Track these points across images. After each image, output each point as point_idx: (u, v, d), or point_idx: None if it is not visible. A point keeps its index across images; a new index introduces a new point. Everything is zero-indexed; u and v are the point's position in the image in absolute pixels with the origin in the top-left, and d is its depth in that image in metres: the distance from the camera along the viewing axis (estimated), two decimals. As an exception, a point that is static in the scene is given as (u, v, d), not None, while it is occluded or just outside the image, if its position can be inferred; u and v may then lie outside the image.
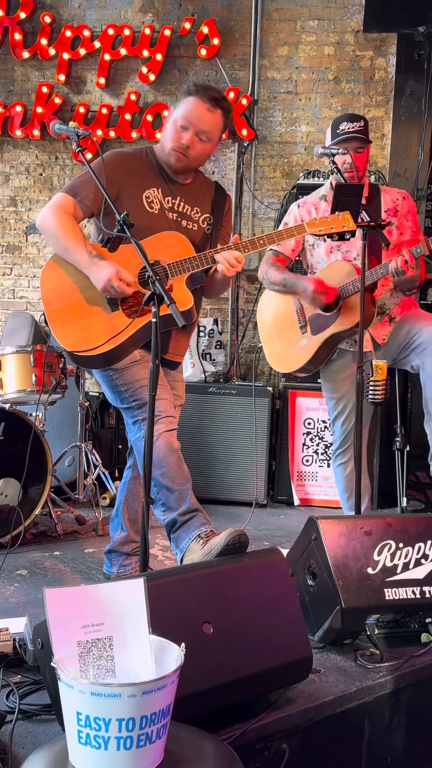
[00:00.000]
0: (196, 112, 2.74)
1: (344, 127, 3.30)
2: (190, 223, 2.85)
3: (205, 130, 2.75)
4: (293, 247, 3.46)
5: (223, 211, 2.92)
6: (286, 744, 1.86)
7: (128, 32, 5.39)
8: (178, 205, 2.84)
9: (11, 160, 5.67)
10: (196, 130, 2.74)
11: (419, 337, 3.29)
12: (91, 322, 2.70)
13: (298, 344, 3.49)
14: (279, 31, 5.43)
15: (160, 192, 2.82)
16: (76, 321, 2.72)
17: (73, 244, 2.69)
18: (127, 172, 2.77)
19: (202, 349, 5.15)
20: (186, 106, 2.76)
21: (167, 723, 1.37)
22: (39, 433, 3.74)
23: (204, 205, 2.89)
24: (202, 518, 2.49)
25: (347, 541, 2.33)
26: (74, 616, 1.42)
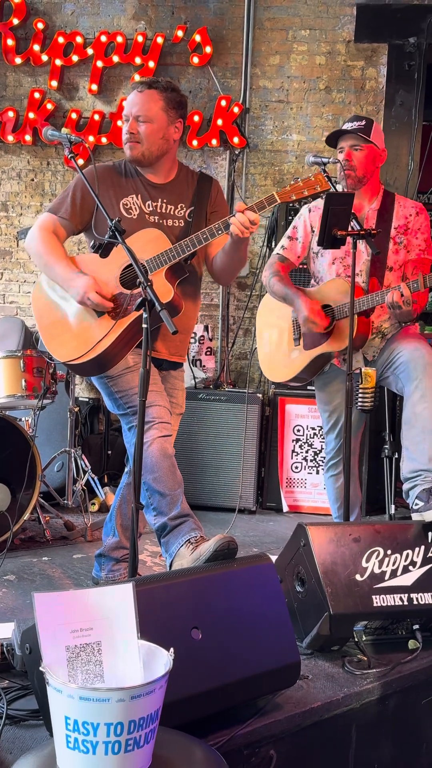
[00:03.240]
0: (129, 101, 2.83)
1: (344, 126, 3.28)
2: (174, 221, 2.87)
3: (140, 112, 2.79)
4: (299, 253, 3.45)
5: (207, 197, 2.93)
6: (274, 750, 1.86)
7: (121, 39, 5.41)
8: (160, 206, 2.86)
9: (3, 166, 5.67)
10: (133, 116, 2.80)
11: (400, 357, 3.21)
12: (79, 331, 2.76)
13: (290, 356, 3.49)
14: (271, 40, 5.47)
15: (139, 198, 2.85)
16: (65, 333, 2.80)
17: (53, 260, 2.78)
18: (102, 185, 2.81)
19: (192, 356, 5.16)
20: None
21: (155, 728, 1.37)
22: (28, 439, 3.73)
23: (187, 198, 2.91)
24: (193, 524, 2.49)
25: (336, 547, 2.34)
26: (63, 621, 1.43)
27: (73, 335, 2.77)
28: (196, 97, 5.51)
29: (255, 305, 5.48)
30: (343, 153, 3.24)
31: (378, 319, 3.27)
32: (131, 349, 2.77)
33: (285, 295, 3.39)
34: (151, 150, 2.82)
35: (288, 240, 3.44)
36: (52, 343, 2.83)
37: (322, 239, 2.95)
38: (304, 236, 3.41)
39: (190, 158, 5.53)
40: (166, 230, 2.81)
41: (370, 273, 3.27)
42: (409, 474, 3.08)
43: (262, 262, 5.36)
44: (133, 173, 2.90)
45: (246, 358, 5.60)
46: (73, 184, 2.88)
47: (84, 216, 2.84)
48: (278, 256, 3.46)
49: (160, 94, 2.80)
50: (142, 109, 2.79)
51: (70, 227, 2.86)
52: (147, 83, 2.82)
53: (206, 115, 5.43)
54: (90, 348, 2.70)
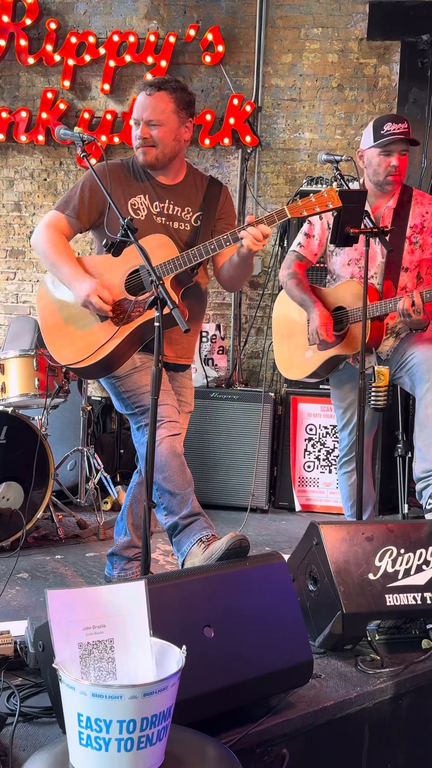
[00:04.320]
0: (138, 105, 2.79)
1: (389, 128, 3.15)
2: (180, 224, 2.85)
3: (152, 116, 2.75)
4: (315, 251, 3.43)
5: (216, 204, 2.90)
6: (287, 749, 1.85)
7: (133, 39, 5.42)
8: (167, 208, 2.84)
9: (16, 165, 5.70)
10: (145, 120, 2.76)
11: (413, 358, 3.20)
12: (82, 334, 2.73)
13: (305, 354, 3.48)
14: (283, 38, 5.46)
15: (147, 198, 2.83)
16: (68, 335, 2.77)
17: (60, 260, 2.75)
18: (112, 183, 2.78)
19: (204, 355, 5.16)
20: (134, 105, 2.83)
21: (168, 725, 1.37)
22: (41, 437, 3.75)
23: (196, 202, 2.88)
24: (204, 522, 2.49)
25: (348, 546, 2.33)
26: (76, 618, 1.43)
27: (75, 338, 2.74)
28: (208, 96, 5.51)
29: (267, 304, 5.48)
30: (391, 157, 3.15)
31: (392, 320, 3.26)
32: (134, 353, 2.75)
33: (302, 301, 3.37)
34: (164, 153, 2.80)
35: (305, 237, 3.43)
36: (54, 345, 2.79)
37: (335, 237, 2.94)
38: (320, 234, 3.39)
39: (203, 157, 5.53)
40: (173, 233, 2.79)
41: (384, 275, 3.25)
42: (422, 474, 3.07)
43: (274, 260, 5.35)
44: (141, 173, 2.87)
45: (258, 357, 5.60)
46: (81, 182, 2.85)
47: (92, 214, 2.82)
48: (295, 254, 3.44)
49: (170, 96, 2.75)
50: (154, 112, 2.74)
51: (77, 226, 2.83)
52: (156, 85, 2.76)
53: (218, 114, 5.43)
54: (91, 353, 2.68)
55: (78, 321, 2.75)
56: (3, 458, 3.67)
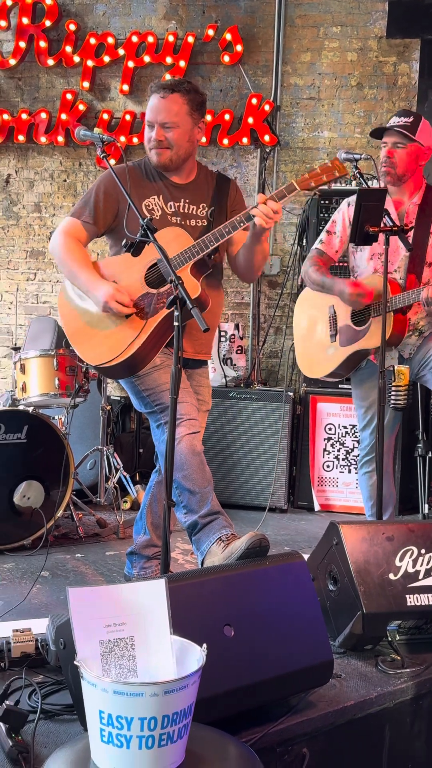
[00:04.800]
0: (152, 107, 2.79)
1: (391, 121, 3.22)
2: (196, 221, 2.87)
3: (166, 119, 2.76)
4: (336, 247, 3.42)
5: (227, 197, 2.92)
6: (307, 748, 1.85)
7: (152, 39, 5.43)
8: (182, 206, 2.86)
9: (36, 167, 5.73)
10: (159, 122, 2.77)
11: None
12: (110, 333, 2.75)
13: (326, 352, 3.47)
14: (302, 37, 5.45)
15: (161, 198, 2.84)
16: (95, 336, 2.79)
17: (77, 267, 2.77)
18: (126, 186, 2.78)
19: (223, 354, 5.16)
20: (149, 106, 2.82)
21: (189, 723, 1.38)
22: (62, 437, 3.77)
23: (208, 198, 2.91)
24: (224, 521, 2.49)
25: (369, 546, 2.32)
26: (97, 616, 1.43)
27: (103, 338, 2.76)
28: (226, 95, 5.51)
29: (286, 303, 5.47)
30: (384, 149, 3.20)
31: (415, 316, 3.24)
32: (161, 349, 2.77)
33: (322, 282, 3.37)
34: (179, 154, 2.82)
35: (326, 234, 3.42)
36: (82, 347, 2.81)
37: (354, 236, 2.93)
38: (342, 230, 3.38)
39: (221, 157, 5.53)
40: (189, 230, 2.80)
41: (407, 269, 3.23)
42: None
43: (294, 260, 5.35)
44: (154, 174, 2.88)
45: (277, 356, 5.59)
46: (95, 188, 2.86)
47: (107, 219, 2.84)
48: (316, 251, 3.45)
49: (183, 98, 2.76)
50: (168, 115, 2.75)
51: (93, 231, 2.85)
52: (169, 87, 2.77)
53: (237, 113, 5.43)
54: (123, 350, 2.69)
55: (102, 322, 2.77)
56: (24, 457, 3.70)
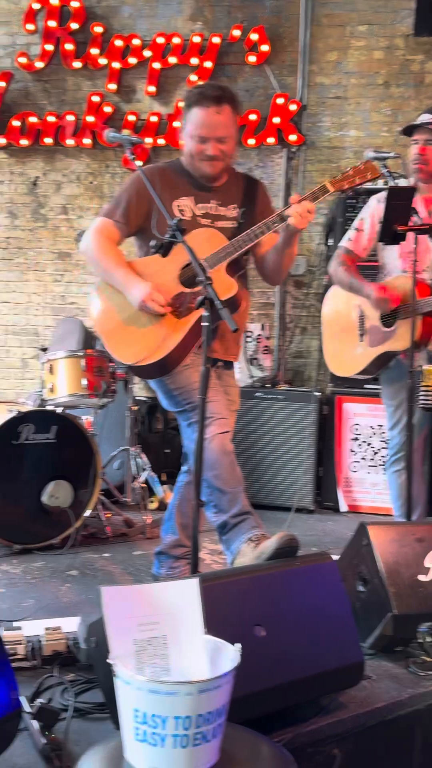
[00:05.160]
0: (207, 122, 2.73)
1: (422, 117, 3.21)
2: (226, 222, 2.87)
3: (224, 134, 2.75)
4: (365, 245, 3.41)
5: (256, 199, 2.92)
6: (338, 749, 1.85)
7: (178, 41, 5.44)
8: (213, 208, 2.86)
9: (63, 169, 5.77)
10: (214, 138, 2.74)
11: None
12: (145, 332, 2.75)
13: (355, 351, 3.47)
14: (328, 36, 5.43)
15: (192, 200, 2.84)
16: (129, 335, 2.78)
17: (111, 266, 2.77)
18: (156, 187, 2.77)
19: (249, 354, 5.16)
20: (194, 120, 2.74)
21: (223, 723, 1.38)
22: (89, 437, 3.79)
23: (237, 199, 2.90)
24: (254, 521, 2.49)
25: (399, 547, 2.31)
26: (130, 614, 1.44)
27: (139, 336, 2.75)
28: (253, 95, 5.51)
29: (312, 303, 5.46)
30: (416, 146, 3.19)
31: None
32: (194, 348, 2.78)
33: (350, 283, 3.37)
34: (227, 163, 2.83)
35: (355, 232, 3.41)
36: (117, 347, 2.80)
37: (383, 235, 2.92)
38: (370, 228, 3.36)
39: (247, 157, 5.53)
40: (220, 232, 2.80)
41: None
42: None
43: (320, 259, 5.33)
44: (185, 175, 2.88)
45: (303, 356, 5.58)
46: (127, 187, 2.86)
47: (139, 219, 2.84)
48: (344, 249, 3.44)
49: (232, 108, 2.75)
50: (225, 130, 2.74)
51: (125, 230, 2.85)
52: (219, 99, 2.71)
53: (263, 113, 5.42)
54: (157, 349, 2.70)
55: (138, 320, 2.76)
56: (53, 457, 3.73)
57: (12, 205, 5.84)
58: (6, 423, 3.60)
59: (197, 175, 2.85)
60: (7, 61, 5.75)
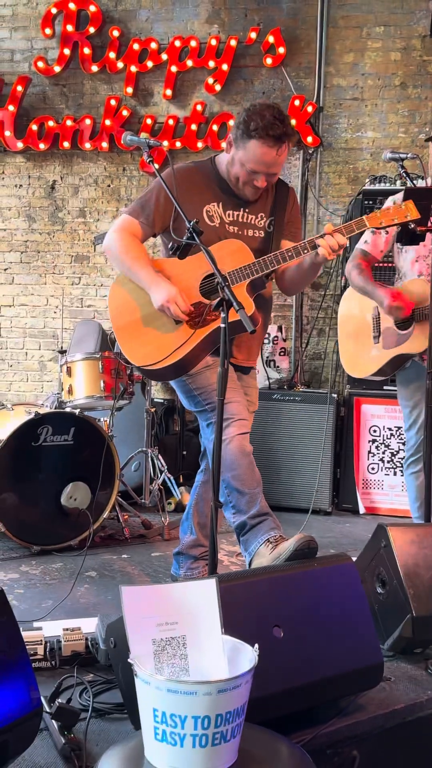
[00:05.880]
0: (265, 161, 2.68)
1: None
2: (254, 231, 2.86)
3: (277, 170, 2.75)
4: (381, 247, 3.40)
5: (285, 207, 2.89)
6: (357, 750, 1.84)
7: (195, 44, 5.46)
8: (241, 216, 2.84)
9: (80, 173, 5.80)
10: (268, 172, 2.73)
11: None
12: (157, 336, 2.75)
13: (370, 353, 3.46)
14: (345, 38, 5.42)
15: (220, 206, 2.82)
16: (142, 336, 2.78)
17: (137, 264, 2.76)
18: (187, 190, 2.76)
19: (266, 356, 5.16)
20: (252, 152, 2.67)
21: (241, 723, 1.38)
22: (107, 439, 3.81)
23: (266, 208, 2.89)
24: (272, 522, 2.49)
25: (418, 549, 2.30)
26: (149, 614, 1.45)
27: (151, 339, 2.76)
28: (269, 97, 5.51)
29: (329, 305, 5.45)
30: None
31: None
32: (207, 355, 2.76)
33: (364, 287, 3.37)
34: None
35: (371, 234, 3.40)
36: (128, 345, 2.80)
37: (401, 235, 2.91)
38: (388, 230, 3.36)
39: (264, 159, 5.53)
40: (247, 241, 2.78)
41: None
42: None
43: (336, 261, 5.32)
44: (217, 180, 2.85)
45: (320, 358, 5.57)
46: (155, 188, 2.84)
47: (165, 220, 2.80)
48: (360, 251, 3.43)
49: (290, 146, 2.72)
50: (279, 167, 2.74)
51: (149, 231, 2.85)
52: (282, 138, 2.64)
53: (279, 115, 5.42)
54: (166, 356, 2.69)
55: (155, 322, 2.76)
56: (71, 459, 3.75)
57: (30, 209, 5.88)
58: (24, 425, 3.63)
59: (237, 193, 2.83)
60: (25, 65, 5.80)
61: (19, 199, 5.88)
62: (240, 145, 2.70)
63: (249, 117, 2.65)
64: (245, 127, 2.66)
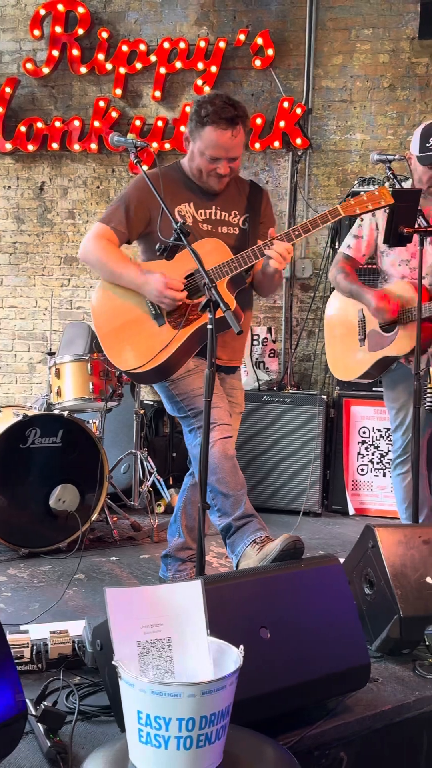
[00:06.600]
0: (222, 145, 2.70)
1: None
2: (228, 228, 2.86)
3: (236, 154, 2.76)
4: (363, 251, 3.41)
5: (260, 207, 2.91)
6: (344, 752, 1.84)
7: (183, 45, 5.46)
8: (214, 213, 2.85)
9: (69, 174, 5.79)
10: (227, 157, 2.74)
11: None
12: (140, 340, 2.76)
13: (356, 356, 3.46)
14: (333, 40, 5.43)
15: (192, 206, 2.83)
16: (125, 341, 2.79)
17: (119, 266, 2.77)
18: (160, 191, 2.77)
19: (255, 358, 5.16)
20: (208, 139, 2.70)
21: (226, 724, 1.38)
22: (96, 441, 3.80)
23: (241, 206, 2.90)
24: (258, 524, 2.49)
25: (405, 549, 2.30)
26: (134, 616, 1.44)
27: (134, 343, 2.76)
28: (258, 99, 5.52)
29: (318, 306, 5.46)
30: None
31: None
32: (191, 357, 2.77)
33: (351, 290, 3.37)
34: (233, 177, 2.85)
35: (353, 239, 3.41)
36: (112, 350, 2.81)
37: (388, 237, 2.91)
38: (369, 234, 3.37)
39: (252, 161, 5.54)
40: (222, 238, 2.79)
41: None
42: None
43: (326, 263, 5.33)
44: (186, 180, 2.87)
45: (310, 359, 5.58)
46: (126, 194, 2.85)
47: (138, 226, 2.83)
48: (343, 255, 3.44)
49: (243, 127, 2.74)
50: (237, 150, 2.75)
51: (123, 237, 2.84)
52: (233, 120, 2.68)
53: (268, 117, 5.44)
54: (151, 358, 2.70)
55: (136, 326, 2.77)
56: (59, 461, 3.73)
57: (19, 210, 5.87)
58: (12, 427, 3.61)
59: (203, 188, 2.84)
60: (13, 67, 5.79)
61: (8, 200, 5.86)
62: (196, 136, 2.75)
63: (200, 107, 2.72)
64: (197, 117, 2.73)
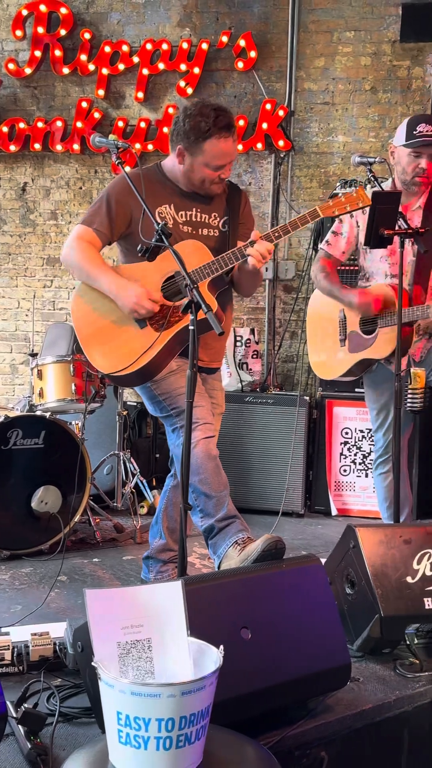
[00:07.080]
0: (227, 151, 2.74)
1: (422, 129, 3.10)
2: (209, 230, 2.87)
3: (233, 158, 2.80)
4: (343, 248, 3.41)
5: (239, 208, 2.92)
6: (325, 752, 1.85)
7: (166, 47, 5.46)
8: (194, 215, 2.85)
9: (52, 175, 5.78)
10: (229, 161, 2.78)
11: None
12: (121, 342, 2.75)
13: (336, 356, 3.48)
14: (315, 42, 5.46)
15: (172, 208, 2.83)
16: (106, 343, 2.78)
17: (97, 270, 2.75)
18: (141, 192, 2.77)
19: (239, 359, 5.16)
20: (214, 150, 2.71)
21: (206, 725, 1.38)
22: (79, 442, 3.79)
23: (220, 208, 2.90)
24: (240, 525, 2.49)
25: (386, 549, 2.31)
26: (114, 617, 1.44)
27: (115, 347, 2.75)
28: (241, 101, 5.53)
29: (301, 308, 5.47)
30: (420, 159, 3.12)
31: (425, 321, 3.23)
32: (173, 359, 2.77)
33: (331, 291, 3.39)
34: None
35: (332, 235, 3.42)
36: (93, 354, 2.80)
37: (369, 239, 2.92)
38: (348, 230, 3.37)
39: (235, 162, 5.53)
40: (202, 240, 2.80)
41: (414, 277, 3.22)
42: None
43: (308, 264, 5.34)
44: (165, 182, 2.87)
45: (293, 360, 5.59)
46: (106, 195, 2.84)
47: (119, 227, 2.82)
48: (323, 252, 3.45)
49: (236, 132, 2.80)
50: (233, 155, 2.79)
51: (106, 238, 2.83)
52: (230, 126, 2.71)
53: (251, 119, 5.45)
54: (133, 361, 2.69)
55: (116, 329, 2.76)
56: (42, 463, 3.72)
57: (1, 211, 5.84)
58: (-6, 428, 3.59)
59: (202, 194, 2.84)
60: (-5, 67, 5.77)
61: (-10, 201, 5.84)
62: (195, 150, 2.72)
63: (195, 122, 2.69)
64: (196, 133, 2.69)
